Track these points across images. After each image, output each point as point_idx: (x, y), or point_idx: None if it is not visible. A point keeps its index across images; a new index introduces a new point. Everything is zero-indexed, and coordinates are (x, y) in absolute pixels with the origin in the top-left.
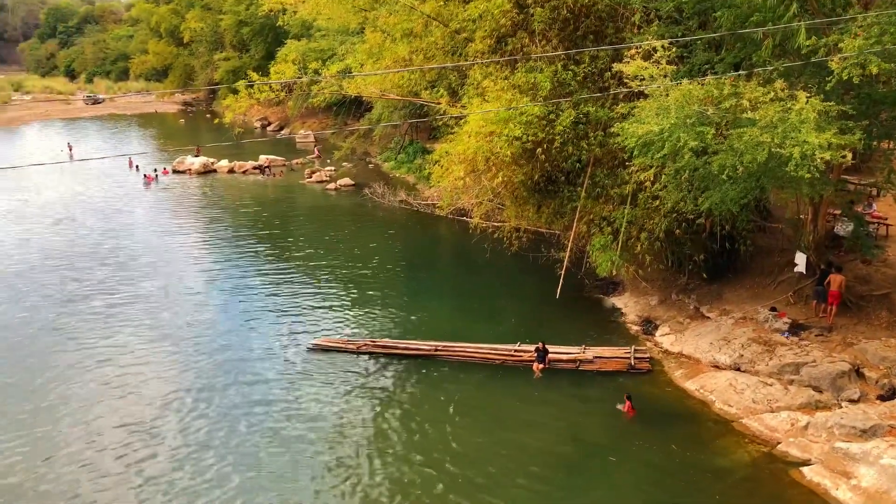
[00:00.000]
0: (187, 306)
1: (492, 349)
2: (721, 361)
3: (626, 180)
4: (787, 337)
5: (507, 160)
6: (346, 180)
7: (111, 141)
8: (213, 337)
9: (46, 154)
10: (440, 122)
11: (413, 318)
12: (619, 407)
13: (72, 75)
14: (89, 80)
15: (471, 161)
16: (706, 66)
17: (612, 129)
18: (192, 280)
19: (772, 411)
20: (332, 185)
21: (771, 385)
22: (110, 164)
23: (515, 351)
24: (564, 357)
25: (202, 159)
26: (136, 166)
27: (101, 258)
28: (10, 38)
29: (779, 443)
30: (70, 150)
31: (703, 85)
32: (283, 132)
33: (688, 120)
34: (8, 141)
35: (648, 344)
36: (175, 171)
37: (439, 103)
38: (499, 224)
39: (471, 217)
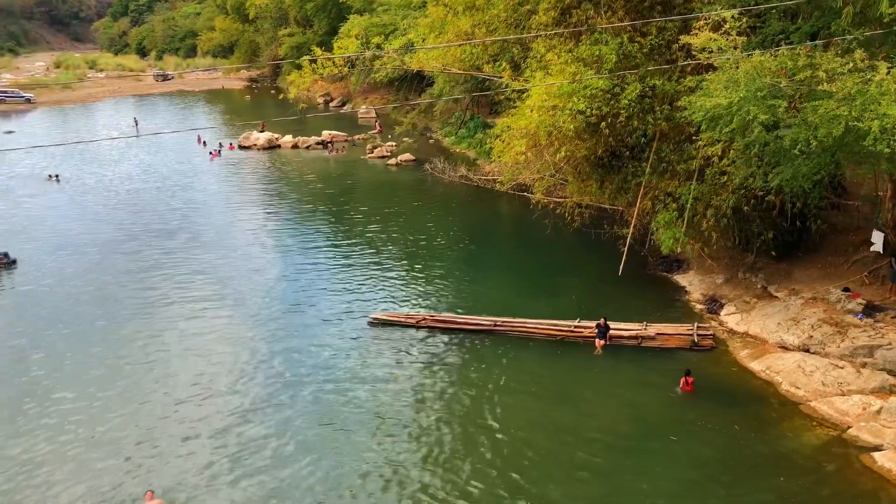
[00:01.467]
0: (251, 278)
1: (552, 325)
2: (789, 342)
3: (692, 155)
4: (860, 318)
5: (571, 134)
6: (407, 155)
7: (179, 116)
8: (276, 309)
9: (118, 129)
10: (502, 97)
11: (472, 293)
12: (677, 390)
13: (143, 53)
14: (159, 58)
15: (533, 135)
16: (780, 37)
17: (679, 103)
18: (256, 253)
19: (842, 394)
20: (392, 161)
21: (842, 367)
22: (177, 139)
23: (575, 327)
24: (626, 333)
25: (267, 135)
26: (204, 142)
27: (169, 230)
28: (85, 17)
29: (849, 427)
30: (136, 124)
31: (776, 56)
32: (345, 108)
33: (759, 93)
34: (84, 116)
35: (713, 323)
36: (241, 147)
37: (501, 77)
38: (560, 200)
39: (532, 193)
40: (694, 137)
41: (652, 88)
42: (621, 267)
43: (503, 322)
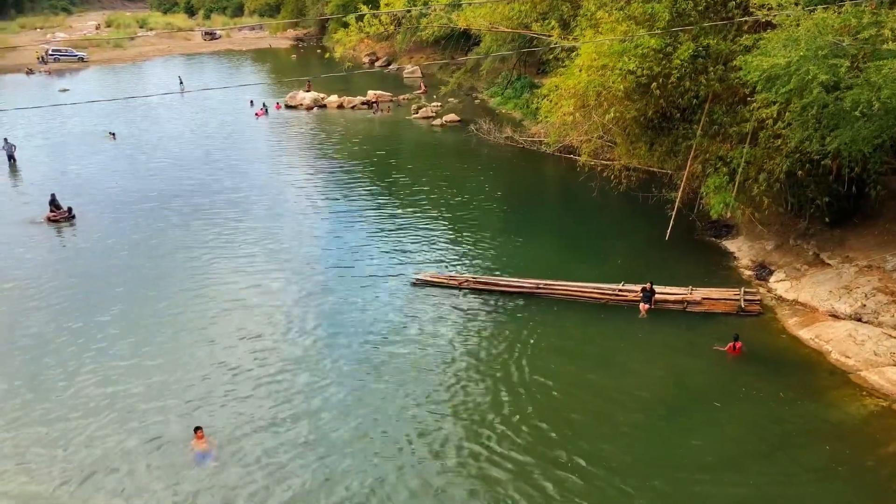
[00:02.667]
0: (298, 236)
1: (595, 288)
2: (840, 311)
3: (746, 118)
4: None
5: (620, 95)
6: (452, 116)
7: (226, 75)
8: (322, 266)
9: (166, 87)
10: (550, 56)
11: (516, 255)
12: (717, 347)
13: (191, 11)
14: (207, 17)
15: (581, 96)
16: None
17: (734, 63)
18: (302, 211)
19: (895, 365)
20: (437, 121)
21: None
22: (225, 98)
23: (619, 290)
24: (671, 298)
25: (313, 94)
26: (251, 101)
27: (218, 188)
28: None
29: None
30: (181, 82)
31: (839, 13)
32: (390, 67)
33: (819, 52)
34: (134, 75)
35: (762, 290)
36: (287, 106)
37: (550, 35)
38: (608, 162)
39: (578, 155)
40: (748, 99)
41: (706, 48)
42: (668, 231)
43: (546, 285)
